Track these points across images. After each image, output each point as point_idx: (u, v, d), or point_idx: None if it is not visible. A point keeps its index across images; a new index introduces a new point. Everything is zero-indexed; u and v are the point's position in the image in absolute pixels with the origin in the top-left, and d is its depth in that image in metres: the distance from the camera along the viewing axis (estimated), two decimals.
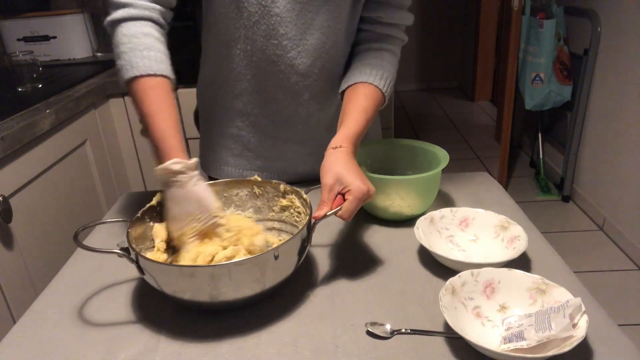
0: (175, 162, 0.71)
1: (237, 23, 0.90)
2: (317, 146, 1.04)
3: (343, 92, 0.94)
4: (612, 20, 2.35)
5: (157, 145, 0.75)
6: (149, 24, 0.82)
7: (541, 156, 3.01)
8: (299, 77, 0.95)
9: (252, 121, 1.03)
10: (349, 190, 0.73)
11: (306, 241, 0.72)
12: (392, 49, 0.97)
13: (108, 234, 0.95)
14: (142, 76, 0.77)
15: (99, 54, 2.17)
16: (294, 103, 0.98)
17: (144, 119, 0.78)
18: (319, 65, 0.94)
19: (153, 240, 0.77)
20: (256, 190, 0.87)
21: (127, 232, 0.71)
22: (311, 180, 1.11)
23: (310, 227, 0.73)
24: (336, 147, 0.80)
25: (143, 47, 0.78)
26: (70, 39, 2.09)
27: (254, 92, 0.98)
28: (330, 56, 0.95)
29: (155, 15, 0.83)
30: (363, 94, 0.90)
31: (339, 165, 0.76)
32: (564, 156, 2.80)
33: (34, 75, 1.57)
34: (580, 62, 2.56)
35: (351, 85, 0.92)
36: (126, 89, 0.81)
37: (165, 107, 0.77)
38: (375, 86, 0.91)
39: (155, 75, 0.78)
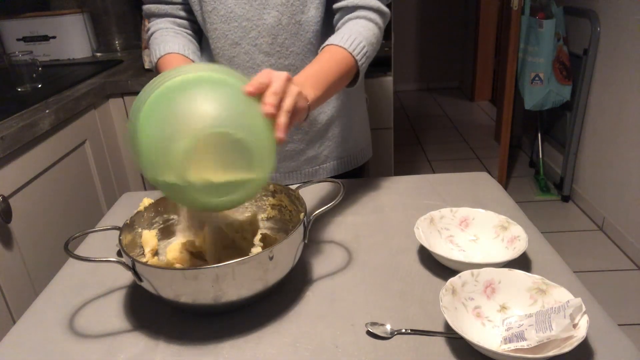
0: None
1: (204, 14, 0.99)
2: (291, 133, 1.06)
3: None
4: (611, 20, 2.35)
5: None
6: (168, 20, 1.03)
7: (541, 156, 3.01)
8: (264, 56, 0.99)
9: None
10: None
11: (303, 236, 0.72)
12: (368, 16, 0.94)
13: (104, 238, 0.94)
14: (158, 59, 0.96)
15: (98, 54, 2.17)
16: None
17: None
18: (279, 42, 0.98)
19: (142, 247, 0.77)
20: None
21: (119, 240, 0.70)
22: (295, 177, 1.14)
23: (305, 223, 0.73)
24: None
25: (160, 38, 0.99)
26: (70, 39, 2.09)
27: None
28: (289, 32, 0.97)
29: (174, 12, 1.03)
30: (321, 51, 0.89)
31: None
32: (564, 156, 2.80)
33: (34, 75, 1.56)
34: (580, 62, 2.56)
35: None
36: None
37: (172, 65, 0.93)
38: (338, 45, 0.88)
39: (167, 54, 0.96)
